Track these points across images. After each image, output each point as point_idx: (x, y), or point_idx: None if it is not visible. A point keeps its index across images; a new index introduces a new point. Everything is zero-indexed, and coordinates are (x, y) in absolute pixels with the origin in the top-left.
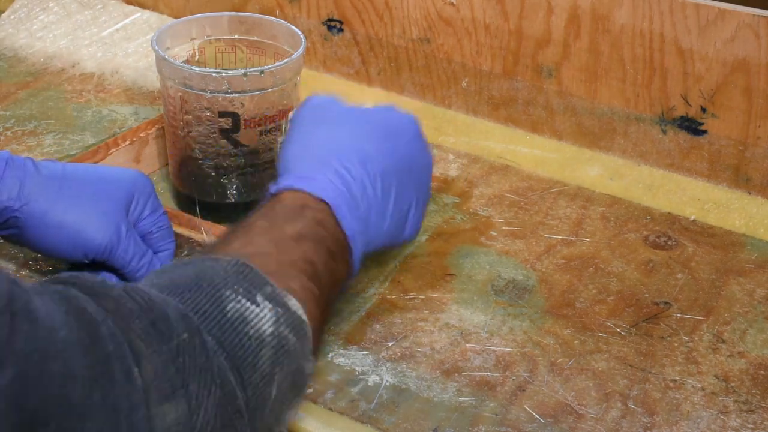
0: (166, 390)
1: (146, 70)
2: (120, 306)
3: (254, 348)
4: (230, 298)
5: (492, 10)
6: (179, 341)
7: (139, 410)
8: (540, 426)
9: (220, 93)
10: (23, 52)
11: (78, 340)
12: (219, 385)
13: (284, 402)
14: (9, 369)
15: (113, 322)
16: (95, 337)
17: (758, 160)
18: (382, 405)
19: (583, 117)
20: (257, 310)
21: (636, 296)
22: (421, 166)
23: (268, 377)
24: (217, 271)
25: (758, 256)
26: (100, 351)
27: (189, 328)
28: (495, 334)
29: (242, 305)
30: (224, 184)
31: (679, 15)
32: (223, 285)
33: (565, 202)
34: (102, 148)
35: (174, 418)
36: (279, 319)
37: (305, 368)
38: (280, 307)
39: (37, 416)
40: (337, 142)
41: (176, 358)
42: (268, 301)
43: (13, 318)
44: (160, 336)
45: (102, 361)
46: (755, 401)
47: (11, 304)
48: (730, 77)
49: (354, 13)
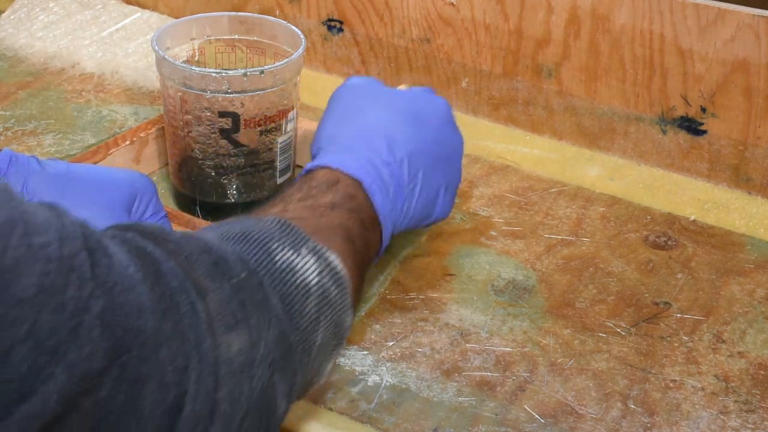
0: (230, 322)
1: (146, 70)
2: (180, 248)
3: (301, 296)
4: (277, 250)
5: (492, 10)
6: (239, 280)
7: (206, 339)
8: (540, 426)
9: (220, 93)
10: (23, 52)
11: (144, 277)
12: (275, 322)
13: (326, 352)
14: (99, 299)
15: (175, 262)
16: (158, 274)
17: (758, 160)
18: (382, 405)
19: (583, 117)
20: (302, 261)
21: (636, 296)
22: (451, 150)
23: (313, 324)
24: (262, 227)
25: (758, 256)
26: (164, 286)
27: (247, 268)
28: (495, 334)
29: (289, 257)
30: (224, 184)
31: (679, 15)
32: (270, 239)
33: (565, 202)
34: (102, 148)
35: (238, 348)
36: (322, 271)
37: (345, 321)
38: (322, 261)
39: (122, 344)
40: (368, 125)
41: (237, 294)
42: (312, 254)
43: (91, 254)
44: (221, 274)
45: (168, 296)
46: (755, 401)
47: (86, 242)
48: (730, 77)
49: (354, 13)
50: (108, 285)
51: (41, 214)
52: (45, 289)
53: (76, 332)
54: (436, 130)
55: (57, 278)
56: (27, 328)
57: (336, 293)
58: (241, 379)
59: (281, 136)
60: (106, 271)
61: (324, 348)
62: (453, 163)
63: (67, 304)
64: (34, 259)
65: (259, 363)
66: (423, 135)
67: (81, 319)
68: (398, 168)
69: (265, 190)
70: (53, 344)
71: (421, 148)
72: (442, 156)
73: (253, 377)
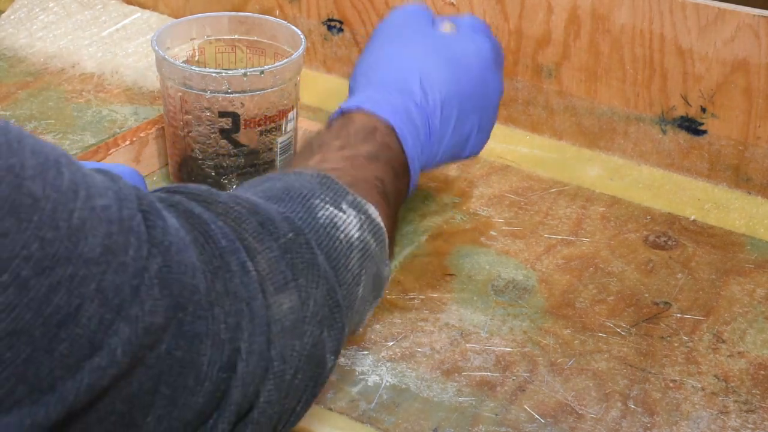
0: (280, 282)
1: (146, 70)
2: (229, 210)
3: (345, 251)
4: (319, 206)
5: (492, 10)
6: (286, 240)
7: (257, 299)
8: (540, 426)
9: (220, 93)
10: (23, 52)
11: (194, 239)
12: (323, 281)
13: (366, 302)
14: (156, 259)
15: (224, 222)
16: (207, 235)
17: (758, 160)
18: (382, 405)
19: (583, 117)
20: (344, 216)
21: (636, 296)
22: (489, 93)
23: (357, 278)
24: (303, 182)
25: (758, 256)
26: (214, 247)
27: (293, 228)
28: (495, 334)
29: (331, 212)
30: (224, 184)
31: (679, 15)
32: (311, 195)
33: (565, 202)
34: (102, 148)
35: (288, 308)
36: (363, 225)
37: (383, 272)
38: (362, 214)
39: (179, 301)
40: (405, 66)
41: (285, 254)
42: (352, 208)
43: (146, 215)
44: (269, 234)
45: (218, 256)
46: (755, 401)
47: (140, 204)
48: (730, 77)
49: (354, 13)
50: (164, 245)
51: (99, 178)
52: (109, 249)
53: (137, 290)
54: (475, 74)
55: (119, 239)
56: (95, 286)
57: (375, 246)
58: (293, 338)
59: (281, 136)
60: (161, 232)
61: (365, 300)
62: (489, 106)
63: (129, 264)
64: (98, 221)
65: (309, 321)
66: (460, 78)
67: (142, 277)
68: (432, 112)
69: None
70: (118, 302)
71: (456, 90)
72: (477, 99)
73: (303, 335)
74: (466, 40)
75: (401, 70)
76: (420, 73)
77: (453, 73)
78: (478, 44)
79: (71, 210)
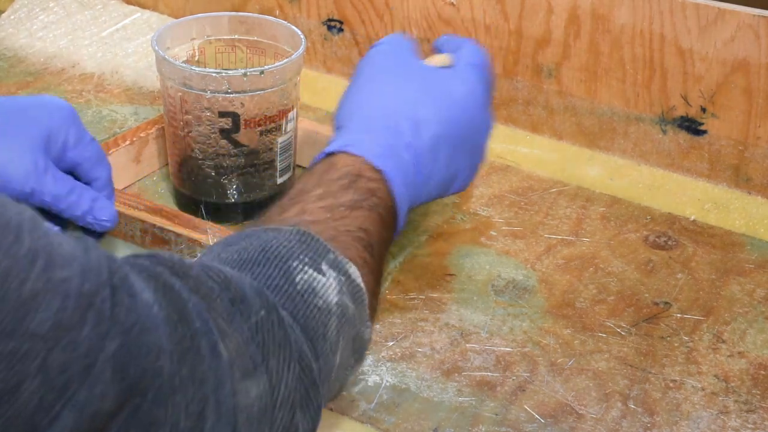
0: (248, 367)
1: (146, 70)
2: (200, 285)
3: (323, 319)
4: (297, 269)
5: (492, 10)
6: (258, 318)
7: (225, 385)
8: (540, 426)
9: (220, 93)
10: (23, 52)
11: (167, 317)
12: (297, 360)
13: (347, 368)
14: (114, 340)
15: (198, 299)
16: (182, 314)
17: (758, 160)
18: (382, 405)
19: (583, 117)
20: (323, 279)
21: (636, 296)
22: (480, 132)
23: (334, 345)
24: (282, 241)
25: (758, 256)
26: (187, 327)
27: (266, 304)
28: (495, 334)
29: (309, 275)
30: (224, 184)
31: (679, 15)
32: (290, 256)
33: (565, 202)
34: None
35: (257, 394)
36: (342, 288)
37: (364, 334)
38: (342, 275)
39: (136, 386)
40: (395, 102)
41: (256, 336)
42: (332, 269)
43: (114, 291)
44: (240, 314)
45: (190, 337)
46: (755, 401)
47: (111, 278)
48: (730, 77)
49: (354, 13)
50: (127, 324)
51: (67, 247)
52: (60, 324)
53: (88, 371)
54: (468, 114)
55: (73, 315)
56: (38, 363)
57: (354, 309)
58: (261, 425)
59: (281, 136)
60: (125, 310)
61: (344, 366)
62: (479, 145)
63: (82, 342)
64: (52, 294)
65: (280, 406)
66: (451, 117)
67: (94, 358)
68: (422, 152)
69: (265, 190)
70: (63, 382)
71: (447, 130)
72: (468, 138)
73: (273, 421)
74: (461, 77)
75: (390, 109)
76: (411, 112)
77: (445, 112)
78: (472, 83)
79: (23, 279)
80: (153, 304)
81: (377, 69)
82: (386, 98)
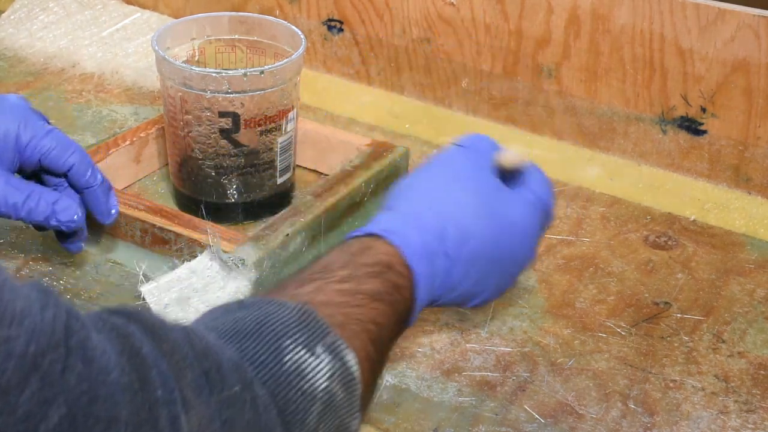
0: None
1: (146, 70)
2: (176, 350)
3: (306, 404)
4: (289, 348)
5: (492, 10)
6: (230, 394)
7: None
8: (540, 426)
9: (220, 93)
10: (23, 52)
11: (127, 384)
12: None
13: None
14: (59, 408)
15: (167, 365)
16: (145, 381)
17: (758, 160)
18: (382, 405)
19: (583, 117)
20: (315, 362)
21: (636, 296)
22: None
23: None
24: (281, 317)
25: (758, 256)
26: (148, 396)
27: (242, 379)
28: (495, 334)
29: (300, 357)
30: (224, 184)
31: (679, 15)
32: (284, 334)
33: (565, 202)
34: (102, 148)
35: None
36: (334, 374)
37: (350, 425)
38: (337, 361)
39: None
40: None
41: (223, 412)
42: (328, 352)
43: (68, 354)
44: (211, 386)
45: (149, 407)
46: (755, 401)
47: (68, 339)
48: (730, 77)
49: (354, 13)
50: (76, 392)
51: (21, 303)
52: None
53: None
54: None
55: (13, 377)
56: None
57: (343, 397)
58: None
59: (281, 136)
60: (77, 376)
61: None
62: (513, 273)
63: (20, 407)
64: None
65: None
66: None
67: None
68: (456, 263)
69: (265, 190)
70: None
71: (490, 252)
72: (506, 264)
73: None
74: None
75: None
76: (461, 221)
77: (493, 232)
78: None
79: None
80: (113, 369)
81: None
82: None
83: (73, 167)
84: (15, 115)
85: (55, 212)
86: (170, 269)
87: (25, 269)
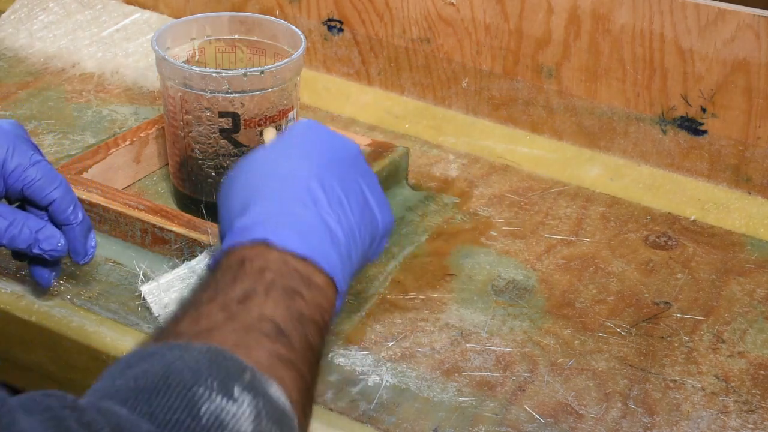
0: None
1: (146, 70)
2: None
3: None
4: (203, 398)
5: (492, 10)
6: None
7: None
8: (540, 426)
9: (220, 93)
10: (23, 52)
11: None
12: None
13: None
14: None
15: None
16: None
17: (758, 160)
18: (382, 405)
19: (583, 117)
20: (234, 408)
21: (636, 296)
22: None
23: None
24: (187, 362)
25: (758, 256)
26: None
27: None
28: (495, 334)
29: (217, 405)
30: None
31: (679, 15)
32: (195, 382)
33: (565, 202)
34: (102, 148)
35: None
36: (260, 413)
37: None
38: (260, 398)
39: None
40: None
41: None
42: (247, 392)
43: None
44: None
45: None
46: (755, 401)
47: None
48: (730, 77)
49: (354, 13)
50: None
51: None
52: None
53: None
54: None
55: None
56: None
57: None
58: None
59: None
60: None
61: None
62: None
63: None
64: None
65: None
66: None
67: None
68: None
69: None
70: None
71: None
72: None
73: None
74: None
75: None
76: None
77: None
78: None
79: None
80: None
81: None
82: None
83: (54, 202)
84: (4, 141)
85: (38, 240)
86: (170, 269)
87: (25, 269)
